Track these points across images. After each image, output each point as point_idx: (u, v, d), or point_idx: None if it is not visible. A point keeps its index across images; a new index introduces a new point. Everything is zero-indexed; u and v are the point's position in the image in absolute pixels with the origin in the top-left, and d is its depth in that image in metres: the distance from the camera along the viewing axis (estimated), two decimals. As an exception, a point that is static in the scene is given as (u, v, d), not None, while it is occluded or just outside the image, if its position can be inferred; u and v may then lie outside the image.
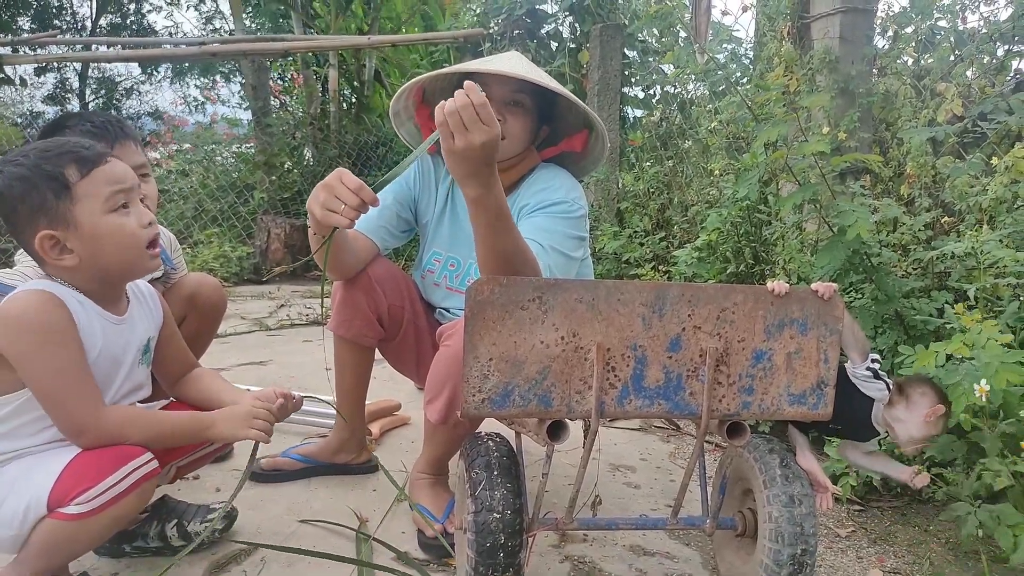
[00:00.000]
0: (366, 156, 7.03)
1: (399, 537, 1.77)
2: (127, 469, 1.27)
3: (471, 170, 1.36)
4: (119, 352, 1.40)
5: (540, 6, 5.85)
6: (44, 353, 1.25)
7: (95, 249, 1.31)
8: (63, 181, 1.28)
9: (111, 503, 1.25)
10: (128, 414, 1.36)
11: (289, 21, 7.66)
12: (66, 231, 1.29)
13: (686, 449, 2.49)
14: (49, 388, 1.26)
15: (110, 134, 1.75)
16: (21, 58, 5.85)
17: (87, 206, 1.30)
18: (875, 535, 1.90)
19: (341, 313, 1.88)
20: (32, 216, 1.27)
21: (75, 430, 1.29)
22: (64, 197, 1.28)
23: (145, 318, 1.49)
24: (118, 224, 1.33)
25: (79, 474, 1.25)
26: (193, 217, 6.39)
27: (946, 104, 2.58)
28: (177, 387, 1.60)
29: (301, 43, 6.39)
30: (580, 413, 1.28)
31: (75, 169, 1.29)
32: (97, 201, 1.30)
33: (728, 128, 3.84)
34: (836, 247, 2.11)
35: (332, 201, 1.37)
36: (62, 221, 1.28)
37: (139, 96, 13.30)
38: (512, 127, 1.76)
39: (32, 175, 1.27)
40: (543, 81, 1.67)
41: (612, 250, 4.20)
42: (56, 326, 1.27)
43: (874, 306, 2.14)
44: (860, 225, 1.98)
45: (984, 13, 3.20)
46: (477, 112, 1.30)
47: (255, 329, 4.13)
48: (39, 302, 1.27)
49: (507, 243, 1.47)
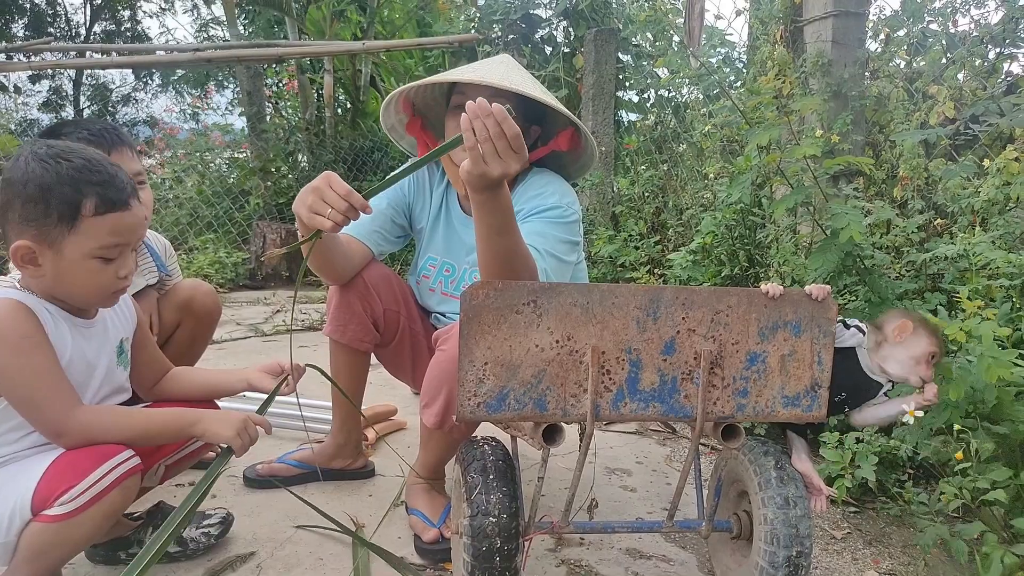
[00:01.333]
0: (362, 161, 7.04)
1: (395, 542, 1.77)
2: (108, 466, 1.26)
3: (489, 184, 1.36)
4: (92, 356, 1.39)
5: (535, 11, 5.88)
6: (18, 360, 1.25)
7: (62, 278, 1.30)
8: (76, 211, 1.26)
9: (94, 501, 1.24)
10: (108, 413, 1.36)
11: (284, 28, 7.66)
12: (46, 251, 1.27)
13: (682, 452, 2.50)
14: (25, 394, 1.26)
15: (107, 141, 1.75)
16: (14, 65, 5.84)
17: (81, 243, 1.27)
18: (870, 536, 1.90)
19: (336, 317, 1.88)
20: (26, 222, 1.26)
21: (55, 431, 1.28)
22: (66, 225, 1.26)
23: (117, 320, 1.48)
24: (95, 270, 1.30)
25: (60, 475, 1.25)
26: (188, 223, 6.38)
27: (938, 107, 2.60)
28: (155, 390, 1.60)
29: (296, 49, 6.39)
30: (575, 416, 1.28)
31: (93, 205, 1.27)
32: (92, 243, 1.28)
33: (722, 131, 3.86)
34: (829, 249, 2.12)
35: (319, 204, 1.37)
36: (49, 242, 1.27)
37: (135, 104, 13.29)
38: None
39: (53, 187, 1.24)
40: (517, 87, 1.67)
41: (607, 254, 4.21)
42: (27, 333, 1.26)
43: (868, 308, 2.15)
44: (853, 228, 2.00)
45: (975, 16, 3.22)
46: (511, 144, 1.30)
47: (251, 335, 4.13)
48: (8, 310, 1.26)
49: (510, 245, 1.47)
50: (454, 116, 1.79)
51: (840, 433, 2.07)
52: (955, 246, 2.06)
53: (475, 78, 1.69)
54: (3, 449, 1.30)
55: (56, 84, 12.58)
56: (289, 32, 7.30)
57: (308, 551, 1.72)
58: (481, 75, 1.69)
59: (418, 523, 1.77)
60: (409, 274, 2.04)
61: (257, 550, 1.71)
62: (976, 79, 2.84)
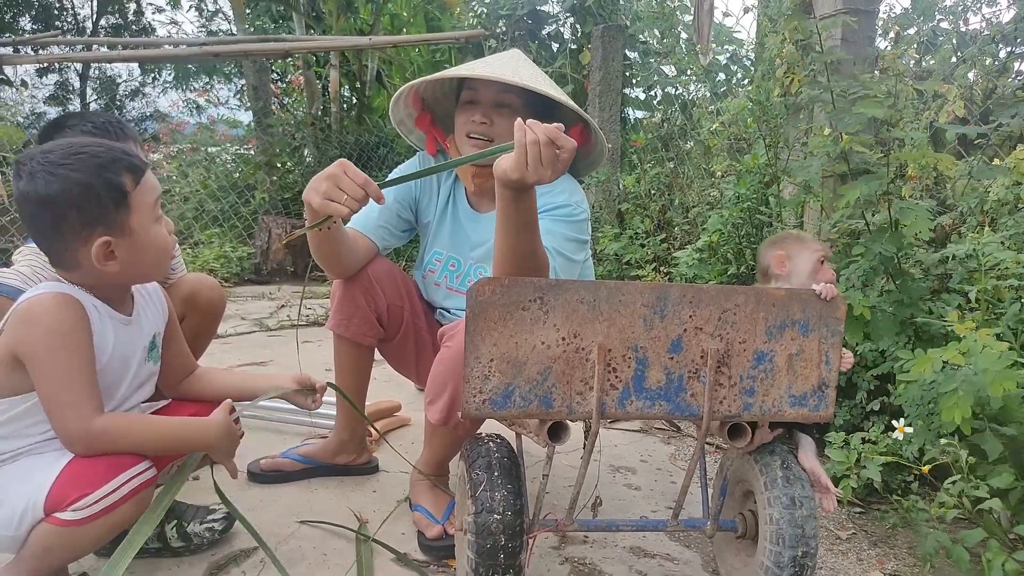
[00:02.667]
0: (367, 156, 7.03)
1: (399, 538, 1.77)
2: (124, 477, 1.26)
3: (523, 186, 1.37)
4: (129, 352, 1.41)
5: (541, 7, 5.85)
6: (58, 356, 1.25)
7: (139, 257, 1.33)
8: (122, 191, 1.29)
9: (107, 511, 1.24)
10: (122, 425, 1.33)
11: (290, 22, 7.66)
12: (121, 239, 1.30)
13: (687, 451, 2.49)
14: (52, 391, 1.26)
15: (111, 134, 1.75)
16: (22, 58, 5.84)
17: (140, 216, 1.32)
18: (876, 537, 1.89)
19: (340, 311, 1.88)
20: (87, 223, 1.27)
21: (67, 439, 1.28)
22: (123, 206, 1.29)
23: (151, 315, 1.50)
24: (161, 235, 1.36)
25: (76, 479, 1.24)
26: (194, 217, 6.39)
27: (948, 105, 2.58)
28: (181, 388, 1.60)
29: (303, 43, 6.38)
30: (581, 414, 1.28)
31: (130, 178, 1.30)
32: (147, 211, 1.33)
33: (730, 129, 3.84)
34: (876, 243, 2.06)
35: (334, 191, 1.38)
36: (119, 228, 1.30)
37: (143, 98, 13.30)
38: (500, 129, 1.77)
39: (94, 182, 1.26)
40: (527, 83, 1.66)
41: (613, 251, 4.19)
42: (74, 330, 1.27)
43: (895, 309, 2.11)
44: (919, 223, 1.95)
45: (986, 15, 3.20)
46: (558, 156, 1.33)
47: (255, 330, 4.13)
48: (63, 305, 1.27)
49: (530, 244, 1.47)
50: (465, 111, 1.79)
51: (846, 433, 2.05)
52: (964, 246, 2.04)
53: (486, 73, 1.68)
54: (23, 440, 1.30)
55: (63, 78, 12.59)
56: (296, 27, 7.30)
57: (312, 546, 1.72)
58: (492, 70, 1.69)
59: (422, 519, 1.76)
60: (415, 269, 2.04)
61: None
62: (987, 78, 2.82)
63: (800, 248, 1.62)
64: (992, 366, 1.60)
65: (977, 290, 1.99)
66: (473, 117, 1.77)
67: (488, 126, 1.77)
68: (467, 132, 1.78)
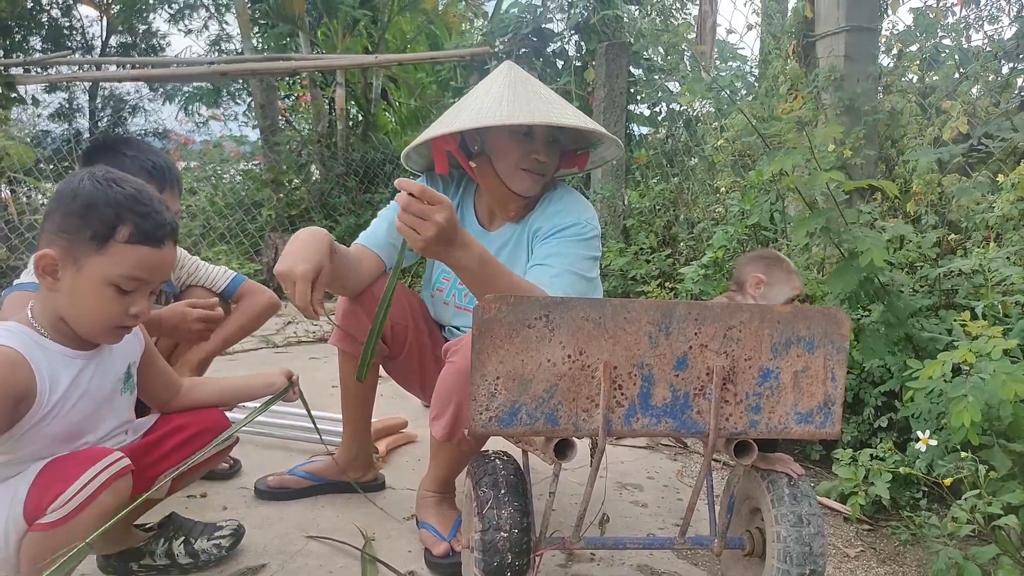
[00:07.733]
0: (373, 173, 7.07)
1: (405, 556, 1.77)
2: (95, 470, 1.27)
3: (442, 250, 1.46)
4: (95, 389, 1.37)
5: (546, 25, 5.91)
6: None
7: (75, 298, 1.29)
8: (110, 233, 1.27)
9: (85, 504, 1.25)
10: None
11: (296, 41, 7.74)
12: (68, 266, 1.27)
13: (693, 468, 2.48)
14: None
15: (164, 180, 1.82)
16: (33, 78, 5.92)
17: (103, 266, 1.27)
18: (884, 555, 1.88)
19: (344, 329, 1.88)
20: (60, 233, 1.27)
21: None
22: (96, 244, 1.26)
23: (124, 345, 1.46)
24: (108, 298, 1.29)
25: (48, 483, 1.26)
26: (201, 234, 6.42)
27: (951, 122, 2.59)
28: (174, 404, 1.60)
29: (309, 62, 6.44)
30: (587, 431, 1.28)
31: (128, 232, 1.28)
32: (115, 270, 1.28)
33: (734, 145, 3.86)
34: (848, 271, 2.09)
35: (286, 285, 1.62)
36: (74, 257, 1.27)
37: (145, 114, 13.37)
38: (551, 163, 1.82)
39: (97, 206, 1.26)
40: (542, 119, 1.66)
41: (618, 267, 4.20)
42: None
43: (884, 329, 2.13)
44: (874, 252, 1.97)
45: (988, 32, 3.22)
46: (414, 213, 1.40)
47: (262, 346, 4.14)
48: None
49: (499, 286, 1.51)
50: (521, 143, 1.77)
51: (854, 449, 2.05)
52: (970, 261, 2.04)
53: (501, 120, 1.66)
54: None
55: (71, 96, 12.70)
56: (302, 46, 7.38)
57: (318, 564, 1.72)
58: (508, 113, 1.67)
59: (428, 537, 1.76)
60: (423, 288, 2.04)
61: (268, 562, 1.71)
62: (989, 94, 2.83)
63: (782, 281, 1.65)
64: (1002, 368, 1.60)
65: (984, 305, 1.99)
66: (535, 153, 1.77)
67: (545, 164, 1.80)
68: (523, 166, 1.78)
